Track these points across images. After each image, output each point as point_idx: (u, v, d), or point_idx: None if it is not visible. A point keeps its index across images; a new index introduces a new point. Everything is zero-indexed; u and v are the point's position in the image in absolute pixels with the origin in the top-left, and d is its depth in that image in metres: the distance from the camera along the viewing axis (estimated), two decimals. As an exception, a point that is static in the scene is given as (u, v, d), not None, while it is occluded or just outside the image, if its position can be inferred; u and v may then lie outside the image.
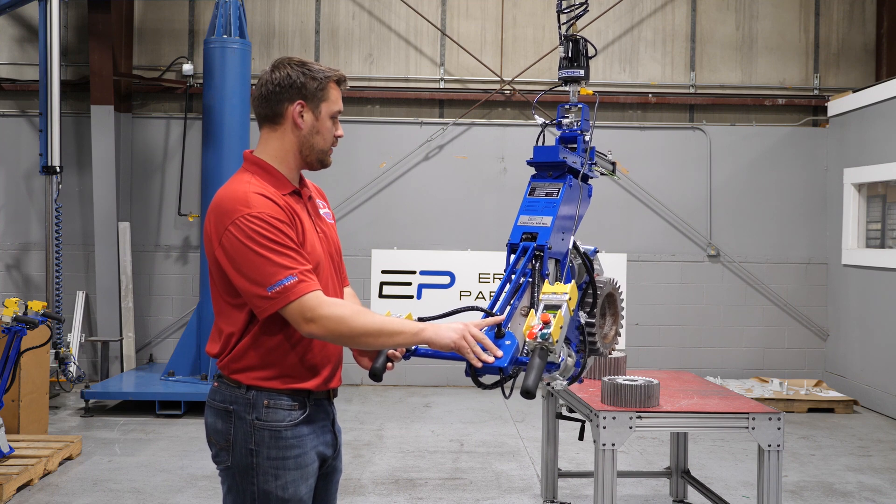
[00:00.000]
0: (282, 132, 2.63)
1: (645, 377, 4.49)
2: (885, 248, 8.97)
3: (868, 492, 6.00)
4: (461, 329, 2.46)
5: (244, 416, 2.53)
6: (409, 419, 8.09)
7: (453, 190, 9.78)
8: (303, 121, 2.61)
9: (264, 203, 2.48)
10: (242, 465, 2.53)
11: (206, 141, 8.48)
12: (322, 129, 2.64)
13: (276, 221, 2.46)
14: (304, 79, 2.61)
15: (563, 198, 3.04)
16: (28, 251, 9.72)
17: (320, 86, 2.62)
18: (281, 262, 2.42)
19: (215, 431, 2.58)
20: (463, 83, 10.06)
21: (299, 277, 2.42)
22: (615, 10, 9.97)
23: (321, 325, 2.41)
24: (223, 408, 2.57)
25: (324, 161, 2.69)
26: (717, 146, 9.90)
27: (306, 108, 2.61)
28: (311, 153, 2.65)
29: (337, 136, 2.68)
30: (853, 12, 10.14)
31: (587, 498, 5.70)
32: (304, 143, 2.63)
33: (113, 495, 5.65)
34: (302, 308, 2.41)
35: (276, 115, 2.62)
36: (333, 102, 2.65)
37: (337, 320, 2.42)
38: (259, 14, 9.98)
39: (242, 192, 2.51)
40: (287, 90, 2.60)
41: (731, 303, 9.89)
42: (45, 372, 7.12)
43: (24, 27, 9.85)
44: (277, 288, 2.40)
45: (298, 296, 2.40)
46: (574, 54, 3.32)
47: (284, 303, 2.41)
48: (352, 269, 9.71)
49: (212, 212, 2.54)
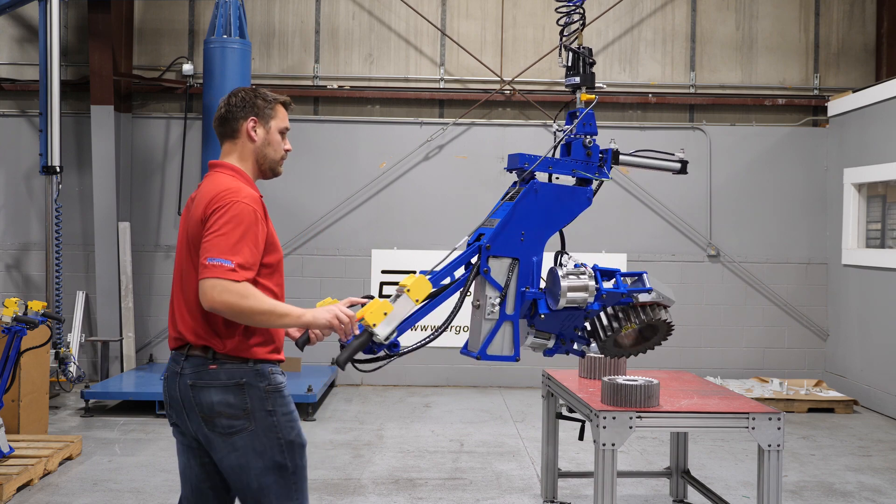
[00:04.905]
0: (241, 145, 3.15)
1: (645, 377, 4.49)
2: (885, 248, 8.97)
3: (868, 492, 6.00)
4: (334, 310, 2.98)
5: (256, 385, 3.00)
6: (409, 419, 8.09)
7: (453, 190, 9.78)
8: (256, 134, 3.13)
9: (251, 196, 2.98)
10: (265, 425, 3.00)
11: (206, 141, 8.48)
12: (272, 141, 3.16)
13: (254, 214, 2.93)
14: (256, 99, 3.14)
15: (524, 202, 3.45)
16: (28, 251, 9.73)
17: (269, 105, 3.16)
18: (235, 247, 2.85)
19: (227, 406, 2.97)
20: (463, 83, 10.06)
21: (237, 267, 2.83)
22: (615, 10, 9.97)
23: (224, 301, 2.80)
24: (234, 383, 2.97)
25: (275, 170, 3.20)
26: (717, 146, 9.90)
27: (258, 124, 3.14)
28: (265, 162, 3.17)
29: (286, 149, 3.21)
30: (853, 12, 10.14)
31: (587, 498, 5.70)
32: (258, 153, 3.15)
33: (113, 495, 5.65)
34: (216, 284, 2.80)
35: (233, 130, 3.15)
36: (281, 120, 3.19)
37: (238, 297, 2.81)
38: (259, 14, 9.98)
39: (235, 185, 3.01)
40: (241, 109, 3.13)
41: (731, 303, 9.89)
42: (45, 372, 7.12)
43: (24, 27, 9.85)
44: (215, 262, 2.82)
45: (222, 276, 2.80)
46: (573, 63, 3.59)
47: (209, 274, 2.81)
48: (352, 269, 9.75)
49: (201, 200, 2.98)
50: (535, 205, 3.47)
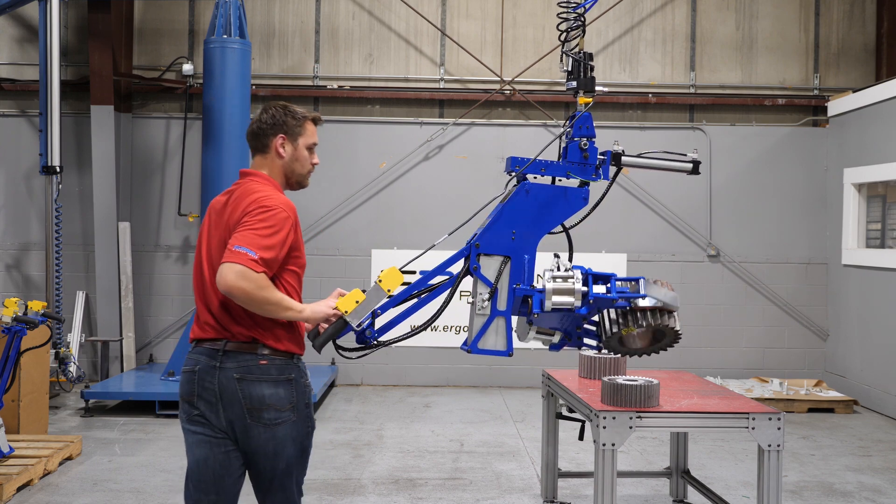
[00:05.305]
0: (270, 159, 3.34)
1: (645, 377, 4.50)
2: (885, 248, 8.97)
3: (868, 492, 6.00)
4: (331, 303, 3.23)
5: (300, 380, 3.26)
6: (409, 419, 8.09)
7: (453, 190, 9.77)
8: (284, 151, 3.33)
9: (287, 204, 3.19)
10: (303, 415, 3.27)
11: (206, 141, 8.48)
12: (300, 157, 3.36)
13: (288, 221, 3.13)
14: (286, 118, 3.33)
15: (514, 202, 3.60)
16: (28, 251, 9.73)
17: (298, 123, 3.35)
18: (263, 244, 3.04)
19: (278, 399, 3.18)
20: (463, 83, 10.06)
21: (261, 260, 3.01)
22: (615, 10, 9.97)
23: (240, 287, 2.97)
24: (284, 378, 3.19)
25: (302, 183, 3.42)
26: (717, 146, 9.90)
27: (287, 141, 3.33)
28: (293, 176, 3.38)
29: (313, 163, 3.40)
30: (853, 12, 10.14)
31: (587, 498, 5.70)
32: (286, 168, 3.35)
33: (113, 495, 5.65)
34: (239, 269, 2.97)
35: (264, 146, 3.34)
36: (309, 137, 3.38)
37: (255, 286, 2.99)
38: (259, 14, 9.98)
39: (272, 192, 3.22)
40: (272, 127, 3.32)
41: (731, 303, 9.88)
42: (45, 372, 7.12)
43: (24, 27, 9.85)
44: (242, 250, 3.00)
45: (245, 264, 2.98)
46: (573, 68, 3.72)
47: (233, 259, 2.99)
48: (352, 269, 9.74)
49: (239, 201, 3.19)
50: (526, 205, 3.60)
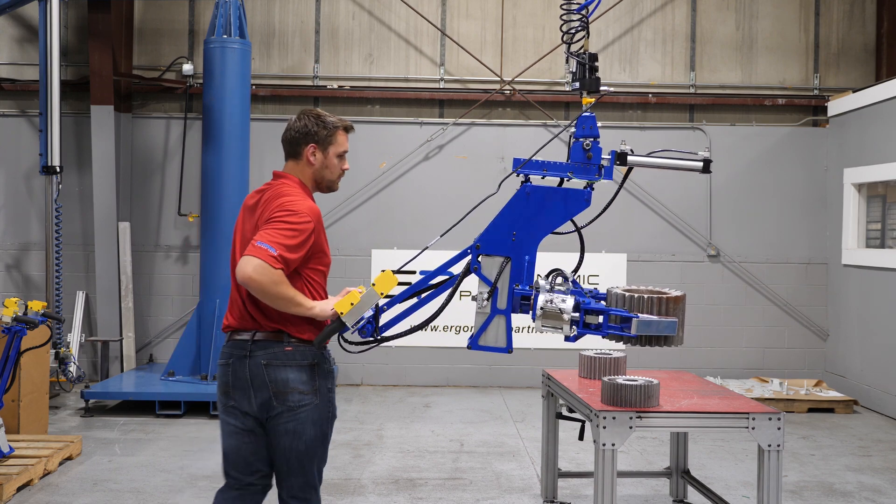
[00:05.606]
0: (302, 165, 3.57)
1: (645, 377, 4.49)
2: (885, 248, 8.97)
3: (868, 492, 6.00)
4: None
5: (322, 366, 3.48)
6: (409, 419, 8.09)
7: (453, 190, 9.77)
8: (315, 158, 3.55)
9: (312, 209, 3.41)
10: (325, 399, 3.49)
11: (206, 141, 8.48)
12: (330, 165, 3.58)
13: (310, 225, 3.35)
14: (317, 128, 3.53)
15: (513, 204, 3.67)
16: (28, 251, 9.73)
17: (330, 133, 3.55)
18: (284, 243, 3.26)
19: (302, 382, 3.42)
20: (463, 83, 10.06)
21: (280, 257, 3.22)
22: (615, 10, 9.97)
23: (257, 280, 3.18)
24: (308, 363, 3.43)
25: (332, 187, 3.64)
26: (717, 146, 9.90)
27: (317, 149, 3.55)
28: (322, 181, 3.61)
29: (343, 168, 3.62)
30: (853, 12, 10.14)
31: (587, 498, 5.70)
32: (317, 174, 3.58)
33: (113, 495, 5.65)
34: (258, 263, 3.19)
35: (296, 153, 3.57)
36: (340, 145, 3.59)
37: (271, 281, 3.21)
38: (259, 14, 9.98)
39: (301, 196, 3.44)
40: (304, 136, 3.54)
41: (731, 303, 9.88)
42: (45, 372, 7.12)
43: (24, 27, 9.85)
44: (263, 246, 3.22)
45: (265, 259, 3.19)
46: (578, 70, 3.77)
47: (254, 253, 3.21)
48: (352, 269, 9.74)
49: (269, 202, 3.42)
50: (526, 207, 3.66)
